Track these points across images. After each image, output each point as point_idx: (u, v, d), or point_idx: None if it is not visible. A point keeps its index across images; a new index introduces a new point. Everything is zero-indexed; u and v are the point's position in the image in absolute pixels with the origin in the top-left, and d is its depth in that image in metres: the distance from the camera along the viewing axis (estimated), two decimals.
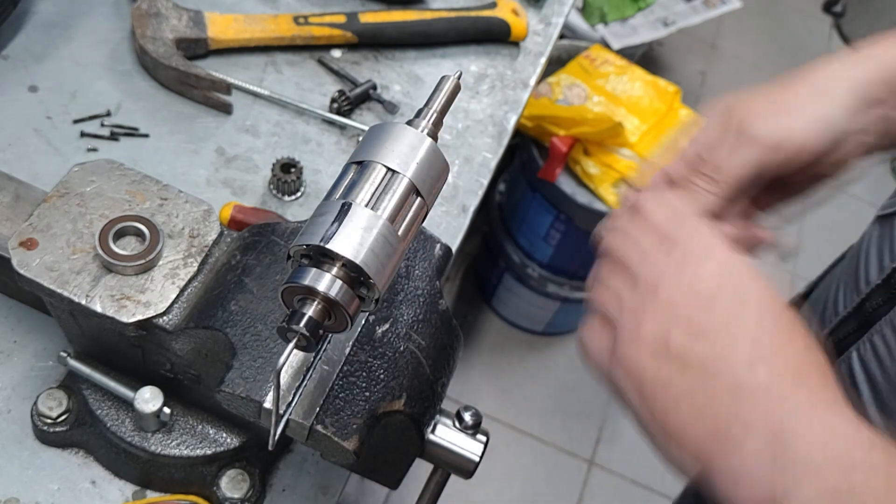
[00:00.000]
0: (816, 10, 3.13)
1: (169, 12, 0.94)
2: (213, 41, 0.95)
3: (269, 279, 0.61)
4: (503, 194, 1.97)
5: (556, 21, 1.12)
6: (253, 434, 0.69)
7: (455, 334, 0.65)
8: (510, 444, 2.02)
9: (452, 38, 1.04)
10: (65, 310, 0.63)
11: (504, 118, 1.00)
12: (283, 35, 0.97)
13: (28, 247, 0.61)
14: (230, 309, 0.59)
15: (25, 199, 0.67)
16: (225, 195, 0.87)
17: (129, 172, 0.66)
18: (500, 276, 2.03)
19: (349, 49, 1.01)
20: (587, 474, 2.02)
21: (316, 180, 0.90)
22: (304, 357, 0.57)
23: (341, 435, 0.55)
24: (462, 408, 0.65)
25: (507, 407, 2.07)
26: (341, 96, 0.95)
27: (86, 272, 0.61)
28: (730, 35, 2.87)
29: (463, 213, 0.91)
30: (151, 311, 0.60)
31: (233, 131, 0.92)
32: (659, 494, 2.02)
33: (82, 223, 0.63)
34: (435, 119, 0.49)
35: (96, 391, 0.69)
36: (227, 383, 0.56)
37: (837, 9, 3.08)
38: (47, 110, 0.88)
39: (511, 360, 2.15)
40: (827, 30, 3.11)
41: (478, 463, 0.65)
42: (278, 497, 0.72)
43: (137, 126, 0.89)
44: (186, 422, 0.69)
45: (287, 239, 0.63)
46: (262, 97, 0.95)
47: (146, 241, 0.62)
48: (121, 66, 0.94)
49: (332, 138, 0.94)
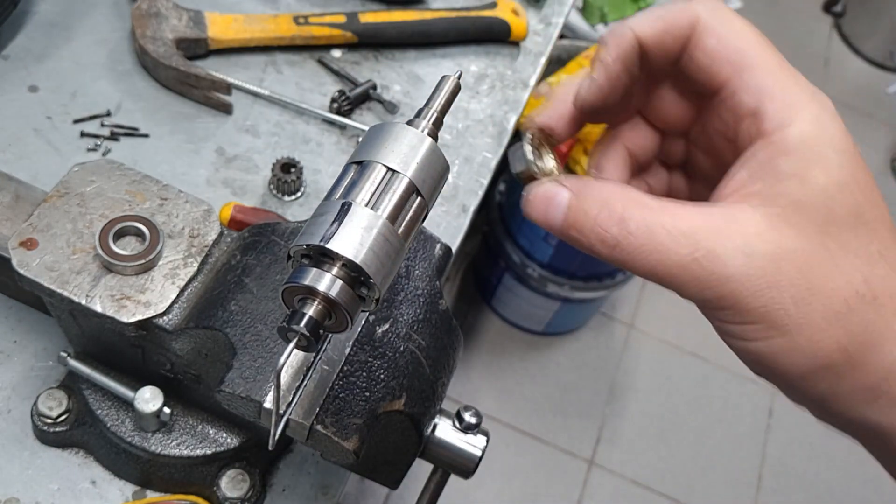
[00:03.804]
0: (816, 10, 3.13)
1: (169, 12, 0.94)
2: (213, 41, 0.95)
3: (269, 279, 0.61)
4: (503, 194, 1.97)
5: (556, 21, 1.12)
6: (253, 434, 0.69)
7: (455, 334, 0.65)
8: (510, 444, 2.02)
9: (452, 38, 1.04)
10: (65, 310, 0.63)
11: (504, 118, 1.00)
12: (283, 35, 0.97)
13: (28, 247, 0.61)
14: (230, 309, 0.59)
15: (25, 199, 0.67)
16: (225, 195, 0.87)
17: (129, 172, 0.66)
18: (500, 276, 2.03)
19: (349, 49, 1.01)
20: (587, 474, 2.02)
21: (316, 180, 0.90)
22: (304, 357, 0.57)
23: (341, 435, 0.55)
24: (462, 408, 0.65)
25: (507, 407, 2.07)
26: (341, 96, 0.95)
27: (86, 272, 0.61)
28: None
29: (463, 213, 0.91)
30: (151, 311, 0.60)
31: (233, 131, 0.92)
32: (659, 494, 2.02)
33: (82, 223, 0.63)
34: (435, 119, 0.49)
35: (96, 391, 0.69)
36: (227, 383, 0.56)
37: (837, 9, 3.08)
38: (47, 110, 0.88)
39: (511, 360, 2.15)
40: (827, 30, 3.11)
41: (478, 463, 0.65)
42: (278, 497, 0.72)
43: (137, 126, 0.89)
44: (186, 422, 0.69)
45: (287, 239, 0.63)
46: (262, 97, 0.95)
47: (146, 241, 0.62)
48: (121, 66, 0.94)
49: (332, 138, 0.94)
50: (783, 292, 0.38)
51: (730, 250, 0.38)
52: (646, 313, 2.30)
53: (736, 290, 0.38)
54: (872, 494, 2.05)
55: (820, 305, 0.38)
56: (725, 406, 2.19)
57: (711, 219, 0.39)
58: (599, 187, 0.41)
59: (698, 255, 0.38)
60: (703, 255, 0.38)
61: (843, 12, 3.07)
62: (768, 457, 2.14)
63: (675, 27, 0.43)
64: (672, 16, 0.43)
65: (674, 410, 2.16)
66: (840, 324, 0.38)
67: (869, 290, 0.38)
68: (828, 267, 0.38)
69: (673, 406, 2.17)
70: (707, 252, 0.38)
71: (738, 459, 2.13)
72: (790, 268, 0.38)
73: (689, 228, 0.38)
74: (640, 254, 0.39)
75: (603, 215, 0.40)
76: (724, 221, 0.39)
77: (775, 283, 0.38)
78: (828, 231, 0.38)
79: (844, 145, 0.40)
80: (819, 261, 0.38)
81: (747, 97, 0.41)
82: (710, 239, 0.38)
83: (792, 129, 0.39)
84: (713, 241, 0.38)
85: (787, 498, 2.10)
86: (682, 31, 0.43)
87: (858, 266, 0.38)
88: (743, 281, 0.38)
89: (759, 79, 0.41)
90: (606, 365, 2.20)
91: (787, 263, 0.38)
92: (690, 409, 2.18)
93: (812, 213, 0.38)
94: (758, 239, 0.38)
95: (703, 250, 0.38)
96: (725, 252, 0.38)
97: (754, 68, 0.41)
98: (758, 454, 2.15)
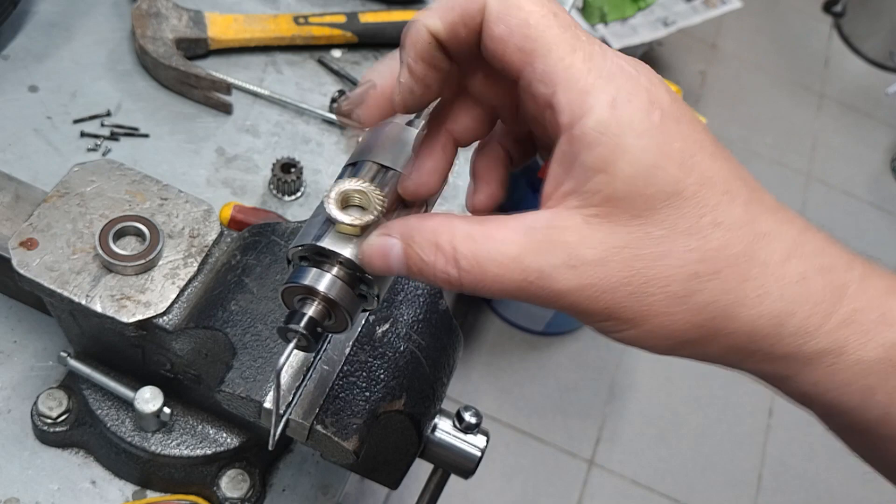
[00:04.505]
0: (816, 10, 3.13)
1: (169, 12, 0.94)
2: (213, 41, 0.95)
3: (269, 279, 0.61)
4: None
5: None
6: (253, 434, 0.69)
7: (455, 334, 0.65)
8: (510, 444, 2.02)
9: None
10: (65, 310, 0.63)
11: None
12: (283, 35, 0.97)
13: (28, 247, 0.61)
14: (230, 309, 0.59)
15: (25, 199, 0.67)
16: (225, 195, 0.87)
17: (129, 172, 0.66)
18: None
19: (349, 49, 1.01)
20: (587, 474, 2.02)
21: (316, 180, 0.90)
22: (304, 357, 0.57)
23: (341, 435, 0.55)
24: (462, 408, 0.65)
25: (507, 407, 2.07)
26: (341, 96, 0.95)
27: (86, 272, 0.61)
28: (730, 35, 2.87)
29: (463, 213, 0.91)
30: (151, 311, 0.60)
31: (233, 131, 0.92)
32: (659, 494, 2.02)
33: (82, 223, 0.63)
34: None
35: (96, 391, 0.69)
36: (227, 383, 0.56)
37: (837, 9, 3.08)
38: (47, 110, 0.89)
39: (511, 360, 2.15)
40: (827, 30, 3.11)
41: (478, 463, 0.65)
42: (278, 497, 0.72)
43: (137, 126, 0.89)
44: (186, 422, 0.69)
45: (287, 239, 0.63)
46: (262, 97, 0.95)
47: (146, 241, 0.62)
48: (121, 66, 0.94)
49: (332, 138, 0.94)
50: (618, 292, 0.38)
51: (557, 267, 0.38)
52: None
53: (574, 301, 0.38)
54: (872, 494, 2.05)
55: (659, 294, 0.37)
56: (725, 406, 2.19)
57: (535, 235, 0.38)
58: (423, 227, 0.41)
59: (531, 277, 0.38)
60: (535, 277, 0.38)
61: (843, 12, 3.07)
62: (768, 457, 2.14)
63: (467, 16, 0.40)
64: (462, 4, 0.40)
65: (674, 410, 2.16)
66: (685, 306, 0.38)
67: (707, 267, 0.37)
68: (657, 255, 0.37)
69: (673, 406, 2.17)
70: (538, 274, 0.38)
71: (738, 459, 2.13)
72: (619, 266, 0.37)
73: (516, 253, 0.38)
74: (482, 285, 0.39)
75: (439, 260, 0.39)
76: (545, 236, 0.38)
77: (607, 286, 0.37)
78: (648, 218, 0.37)
79: (645, 125, 0.37)
80: (647, 251, 0.37)
81: (542, 87, 0.39)
82: (537, 259, 0.38)
83: (587, 120, 0.37)
84: (540, 261, 0.38)
85: (787, 498, 2.10)
86: (473, 19, 0.40)
87: (690, 245, 0.37)
88: (577, 292, 0.38)
89: (549, 66, 0.38)
90: (606, 365, 2.20)
91: (614, 263, 0.37)
92: (690, 409, 2.18)
93: (627, 205, 0.37)
94: (581, 247, 0.38)
95: (533, 273, 0.38)
96: (553, 270, 0.38)
97: (544, 55, 0.38)
98: (758, 454, 2.15)
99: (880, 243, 2.53)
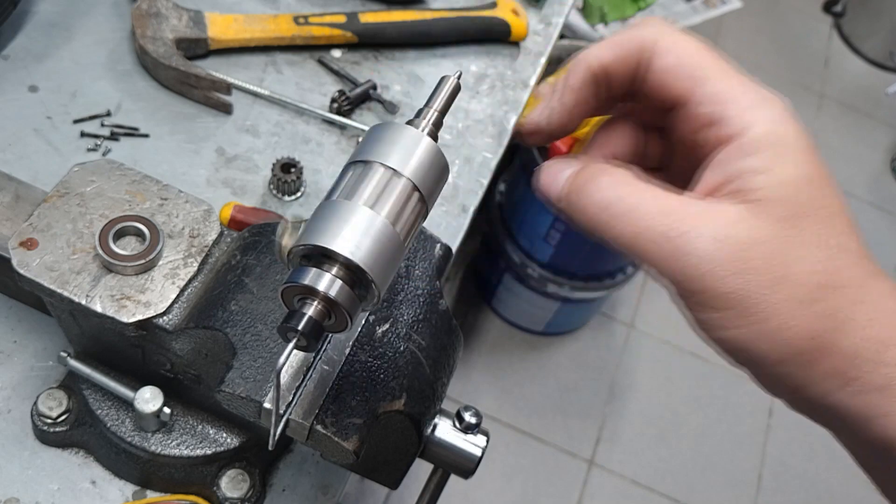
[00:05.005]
0: (816, 10, 3.13)
1: (169, 12, 0.94)
2: (213, 41, 0.95)
3: (269, 279, 0.61)
4: (503, 194, 1.97)
5: (556, 21, 1.12)
6: (253, 434, 0.69)
7: (455, 334, 0.65)
8: (510, 444, 2.02)
9: (452, 38, 1.04)
10: (65, 310, 0.63)
11: (504, 118, 1.00)
12: (283, 35, 0.97)
13: (28, 247, 0.61)
14: (230, 309, 0.59)
15: (25, 199, 0.67)
16: (225, 195, 0.87)
17: (129, 172, 0.66)
18: (500, 276, 2.03)
19: (349, 49, 1.01)
20: (587, 474, 2.02)
21: (316, 180, 0.90)
22: (304, 357, 0.57)
23: (341, 435, 0.55)
24: (462, 408, 0.65)
25: (507, 407, 2.07)
26: (341, 96, 0.95)
27: (86, 272, 0.61)
28: (730, 35, 2.87)
29: (463, 213, 0.91)
30: (151, 311, 0.60)
31: (233, 131, 0.92)
32: (659, 494, 2.02)
33: (82, 223, 0.63)
34: (435, 119, 0.49)
35: (96, 391, 0.69)
36: (227, 383, 0.56)
37: (837, 9, 3.08)
38: (47, 110, 0.89)
39: (511, 360, 2.15)
40: (827, 30, 3.11)
41: (478, 463, 0.65)
42: (278, 497, 0.72)
43: (137, 126, 0.89)
44: (186, 422, 0.69)
45: None
46: (262, 97, 0.95)
47: (146, 241, 0.62)
48: (121, 66, 0.94)
49: (332, 138, 0.94)
50: (752, 279, 0.39)
51: (703, 233, 0.40)
52: (646, 313, 2.30)
53: (706, 272, 0.40)
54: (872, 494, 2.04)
55: (788, 293, 0.39)
56: (725, 406, 2.20)
57: (690, 205, 0.42)
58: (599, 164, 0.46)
59: (673, 233, 0.40)
60: (678, 234, 0.40)
61: (843, 12, 3.07)
62: (768, 457, 2.14)
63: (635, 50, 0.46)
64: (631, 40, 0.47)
65: (674, 410, 2.16)
66: (809, 310, 0.40)
67: (832, 280, 0.40)
68: (795, 256, 0.40)
69: (673, 406, 2.17)
70: (682, 232, 0.40)
71: (738, 459, 2.13)
72: (759, 256, 0.40)
73: (668, 208, 0.41)
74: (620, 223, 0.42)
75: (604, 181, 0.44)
76: (700, 209, 0.41)
77: (744, 269, 0.39)
78: (794, 223, 0.40)
79: (804, 143, 0.42)
80: (787, 250, 0.40)
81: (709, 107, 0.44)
82: (686, 221, 0.41)
83: (754, 130, 0.42)
84: (689, 223, 0.40)
85: (787, 498, 2.10)
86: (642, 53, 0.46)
87: (821, 257, 0.40)
88: (712, 264, 0.40)
89: (717, 88, 0.44)
90: (606, 365, 2.20)
91: (756, 252, 0.40)
92: (690, 409, 2.18)
93: (780, 206, 0.40)
94: (730, 227, 0.40)
95: (677, 230, 0.40)
96: (699, 234, 0.40)
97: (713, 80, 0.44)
98: (758, 454, 2.15)
99: (880, 243, 2.53)
